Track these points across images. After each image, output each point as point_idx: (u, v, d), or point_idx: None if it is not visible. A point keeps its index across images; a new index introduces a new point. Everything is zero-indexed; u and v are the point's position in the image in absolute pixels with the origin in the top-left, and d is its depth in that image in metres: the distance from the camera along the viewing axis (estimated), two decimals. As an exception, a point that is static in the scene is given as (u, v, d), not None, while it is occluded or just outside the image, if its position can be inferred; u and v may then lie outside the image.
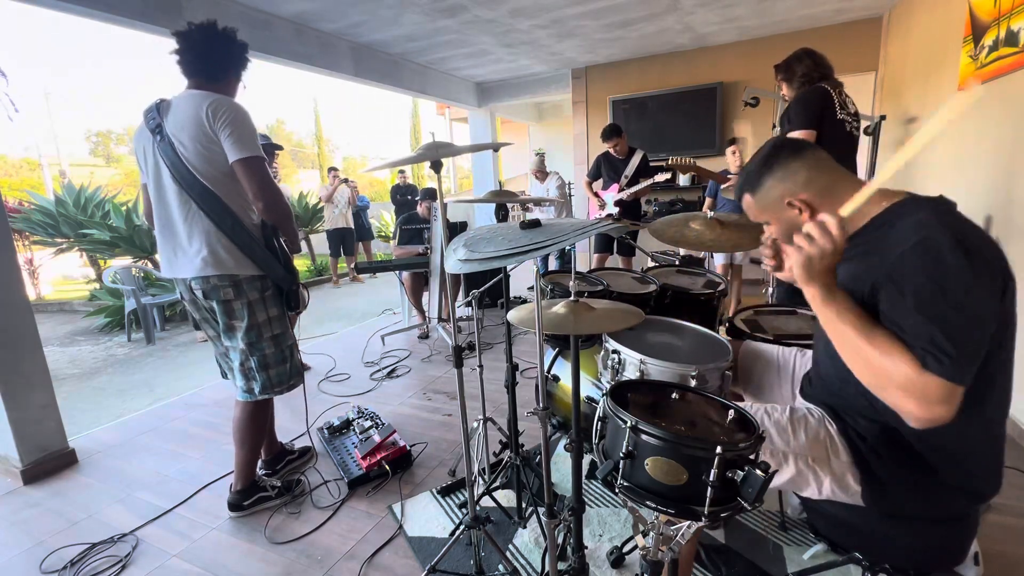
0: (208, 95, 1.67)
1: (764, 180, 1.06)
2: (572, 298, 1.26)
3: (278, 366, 1.91)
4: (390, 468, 2.18)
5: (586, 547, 1.58)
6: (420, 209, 4.36)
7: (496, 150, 8.10)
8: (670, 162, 2.64)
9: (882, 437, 1.00)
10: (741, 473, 0.82)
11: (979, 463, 0.97)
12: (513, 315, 1.29)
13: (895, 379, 0.85)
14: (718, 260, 4.31)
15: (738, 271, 4.39)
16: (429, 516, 1.92)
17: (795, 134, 2.19)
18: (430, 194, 4.38)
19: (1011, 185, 2.39)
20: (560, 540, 1.58)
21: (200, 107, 1.65)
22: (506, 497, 1.97)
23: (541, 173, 5.35)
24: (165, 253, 1.81)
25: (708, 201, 4.36)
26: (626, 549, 1.63)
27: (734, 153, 4.15)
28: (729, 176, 4.07)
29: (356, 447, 2.28)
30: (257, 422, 1.96)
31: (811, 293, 0.94)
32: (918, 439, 0.96)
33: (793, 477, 1.05)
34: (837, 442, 1.05)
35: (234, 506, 1.98)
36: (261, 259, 1.80)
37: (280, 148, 3.10)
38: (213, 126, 1.65)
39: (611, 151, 4.27)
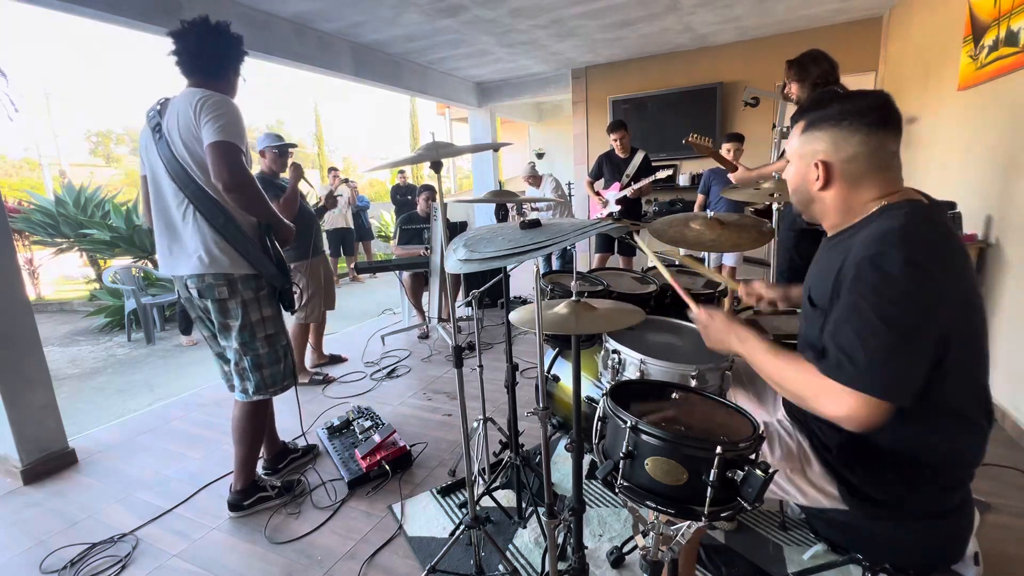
0: (200, 91, 1.67)
1: (823, 127, 0.98)
2: (573, 298, 1.26)
3: (272, 366, 1.91)
4: (390, 468, 2.18)
5: (586, 547, 1.58)
6: (419, 203, 4.36)
7: (496, 150, 8.10)
8: (691, 138, 2.62)
9: (846, 444, 1.01)
10: (741, 473, 0.82)
11: (945, 460, 0.96)
12: (514, 316, 1.29)
13: (810, 387, 0.90)
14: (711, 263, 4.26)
15: (731, 273, 4.36)
16: (429, 516, 1.92)
17: None
18: (429, 188, 4.40)
19: (1012, 185, 2.39)
20: (560, 540, 1.58)
21: (190, 104, 1.64)
22: (506, 497, 1.97)
23: (534, 179, 5.34)
24: (161, 251, 1.82)
25: (700, 199, 4.30)
26: (626, 549, 1.63)
27: (728, 152, 3.93)
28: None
29: (356, 447, 2.28)
30: (255, 421, 1.96)
31: (735, 351, 1.07)
32: (881, 442, 0.97)
33: (775, 490, 1.06)
34: (808, 453, 1.06)
35: (234, 506, 1.98)
36: (255, 258, 1.79)
37: (294, 146, 3.09)
38: (198, 119, 1.63)
39: (615, 148, 4.28)
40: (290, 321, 2.53)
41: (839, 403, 0.86)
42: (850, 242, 0.96)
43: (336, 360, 3.69)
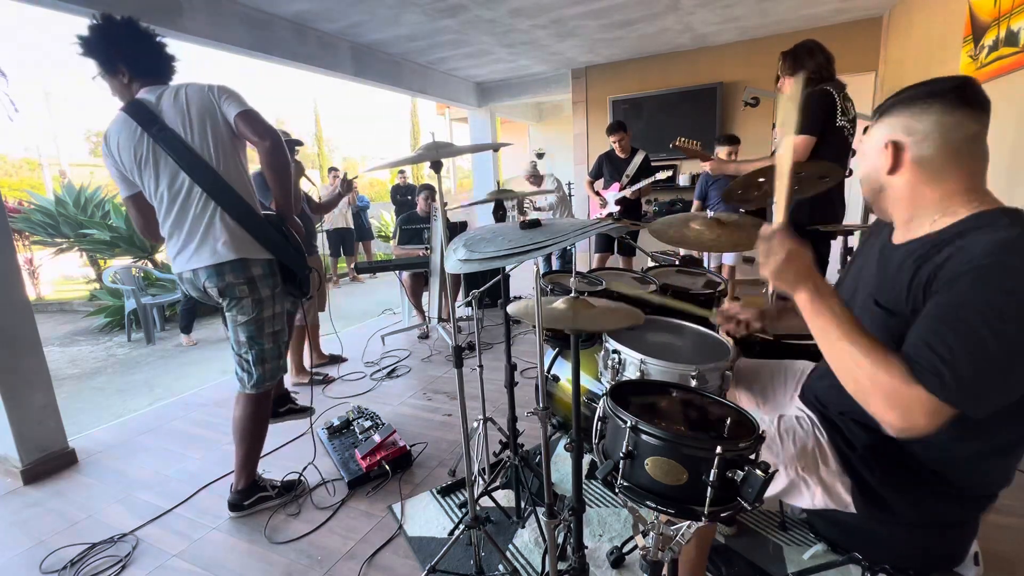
0: (200, 83, 1.72)
1: (893, 110, 0.92)
2: (572, 295, 1.26)
3: (274, 361, 1.93)
4: (390, 468, 2.18)
5: (586, 547, 1.58)
6: (419, 203, 4.36)
7: (496, 150, 8.10)
8: (679, 142, 2.63)
9: (874, 446, 0.98)
10: (741, 473, 0.82)
11: (983, 477, 0.95)
12: (513, 308, 1.29)
13: (882, 386, 0.80)
14: (711, 263, 4.27)
15: (731, 272, 4.36)
16: (429, 516, 1.92)
17: (796, 139, 2.18)
18: (428, 188, 4.41)
19: (1012, 185, 2.39)
20: (560, 540, 1.58)
21: (203, 92, 1.69)
22: (506, 497, 1.97)
23: (535, 178, 5.35)
24: (175, 246, 1.78)
25: (696, 204, 4.30)
26: (626, 549, 1.63)
27: (729, 156, 3.86)
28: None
29: (356, 447, 2.28)
30: (257, 419, 1.97)
31: (799, 298, 0.91)
32: (920, 451, 0.93)
33: (784, 487, 1.05)
34: (827, 450, 1.04)
35: (234, 506, 1.98)
36: (275, 245, 1.81)
37: (300, 143, 3.11)
38: (217, 100, 1.70)
39: (615, 149, 4.29)
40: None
41: (909, 408, 0.78)
42: (936, 249, 0.87)
43: (336, 360, 3.70)
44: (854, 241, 2.73)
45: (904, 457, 0.96)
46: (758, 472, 0.80)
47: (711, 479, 0.81)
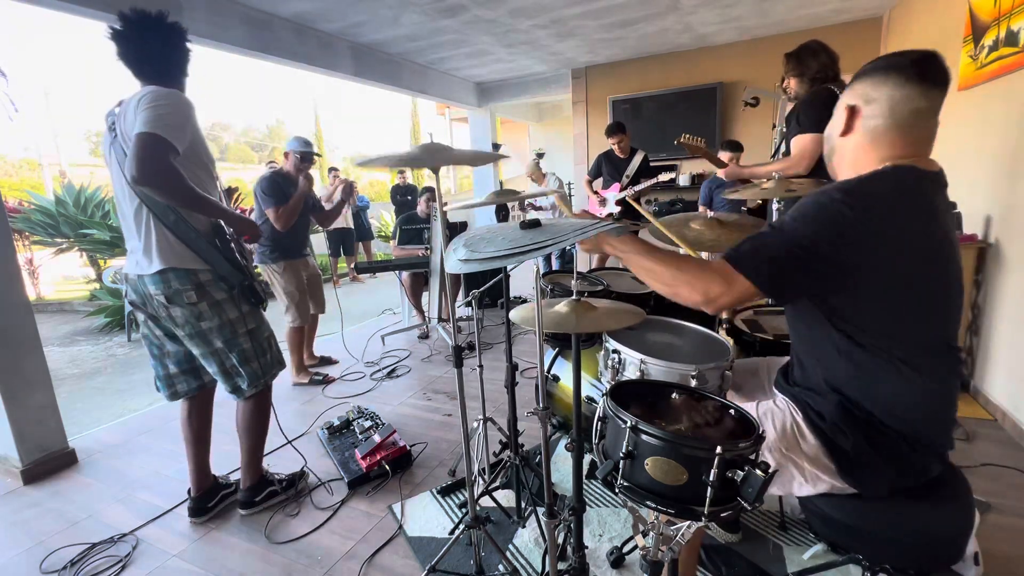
0: (150, 87, 1.63)
1: (860, 77, 1.03)
2: (574, 297, 1.26)
3: (260, 357, 1.90)
4: (390, 468, 2.18)
5: (586, 547, 1.58)
6: (420, 206, 4.37)
7: (495, 162, 8.09)
8: (683, 139, 2.60)
9: (837, 411, 1.03)
10: (741, 473, 0.82)
11: (926, 418, 1.00)
12: (515, 314, 1.29)
13: (686, 274, 0.97)
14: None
15: None
16: (429, 516, 1.92)
17: (803, 138, 2.18)
18: (430, 190, 4.43)
19: (1013, 185, 2.39)
20: (560, 540, 1.58)
21: (138, 99, 1.59)
22: (506, 497, 1.97)
23: (537, 175, 5.36)
24: (128, 247, 1.80)
25: (701, 209, 4.28)
26: (626, 549, 1.63)
27: (731, 161, 3.82)
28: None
29: (356, 447, 2.28)
30: (261, 416, 1.97)
31: (611, 252, 1.10)
32: (866, 402, 1.00)
33: (776, 480, 1.06)
34: (803, 427, 1.08)
35: (245, 504, 1.98)
36: (206, 254, 1.75)
37: (318, 155, 3.14)
38: (136, 113, 1.56)
39: (614, 149, 4.29)
40: (281, 325, 2.50)
41: (708, 280, 0.94)
42: None
43: (326, 362, 3.68)
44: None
45: (865, 414, 1.01)
46: (758, 472, 0.80)
47: (711, 479, 0.81)
